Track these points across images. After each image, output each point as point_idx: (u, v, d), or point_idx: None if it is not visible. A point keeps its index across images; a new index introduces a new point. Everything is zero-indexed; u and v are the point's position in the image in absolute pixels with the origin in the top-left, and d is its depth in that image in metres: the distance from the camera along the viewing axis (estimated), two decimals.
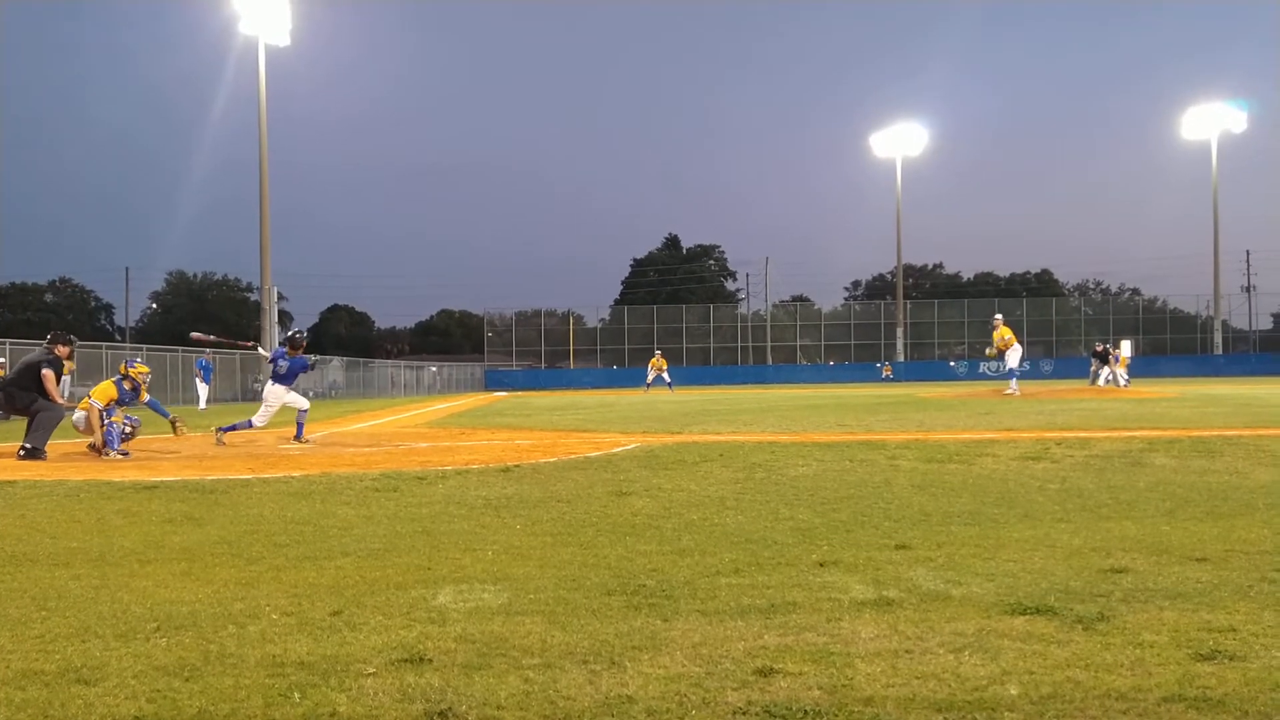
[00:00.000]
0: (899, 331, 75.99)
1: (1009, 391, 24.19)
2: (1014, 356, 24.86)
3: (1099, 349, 32.75)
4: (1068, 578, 4.29)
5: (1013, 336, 24.94)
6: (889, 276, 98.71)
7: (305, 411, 13.23)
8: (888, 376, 64.88)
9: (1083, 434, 11.10)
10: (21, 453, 10.89)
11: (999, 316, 26.24)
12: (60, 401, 11.64)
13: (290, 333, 13.84)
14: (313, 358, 15.53)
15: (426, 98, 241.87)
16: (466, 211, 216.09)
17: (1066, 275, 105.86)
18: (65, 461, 10.58)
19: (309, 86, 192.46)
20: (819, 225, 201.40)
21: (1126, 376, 31.98)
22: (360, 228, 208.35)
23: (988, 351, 26.34)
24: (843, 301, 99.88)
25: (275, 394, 13.07)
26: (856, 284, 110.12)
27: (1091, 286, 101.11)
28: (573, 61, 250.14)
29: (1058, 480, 7.53)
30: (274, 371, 13.25)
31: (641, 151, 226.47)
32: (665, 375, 45.43)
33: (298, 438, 12.62)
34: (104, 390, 11.67)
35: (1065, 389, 29.45)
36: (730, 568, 4.58)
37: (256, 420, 12.91)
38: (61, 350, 12.02)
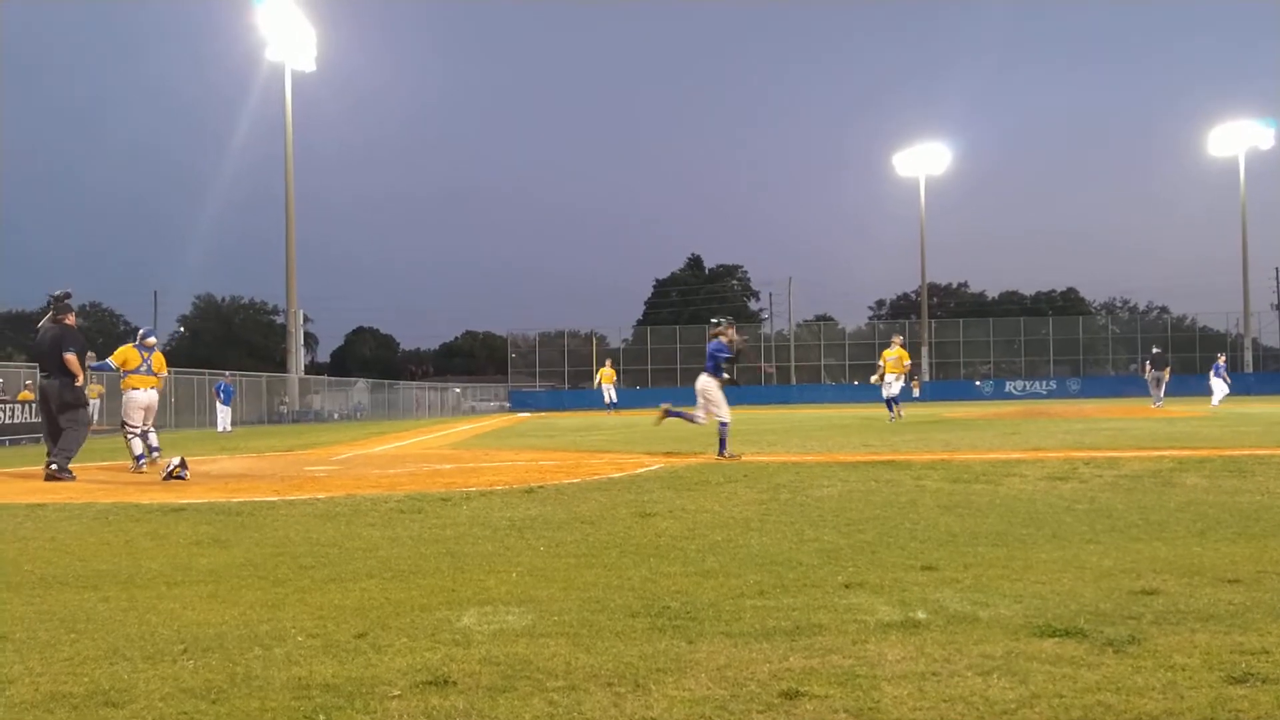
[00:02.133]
0: (924, 351, 75.69)
1: (893, 418, 21.96)
2: (896, 385, 22.34)
3: (1156, 353, 32.03)
4: (1097, 599, 4.25)
5: (909, 359, 22.95)
6: (913, 295, 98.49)
7: None
8: (916, 396, 64.46)
9: (1111, 453, 11.00)
10: (49, 473, 10.90)
11: (899, 336, 23.97)
12: (88, 389, 11.68)
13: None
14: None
15: (449, 122, 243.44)
16: (489, 233, 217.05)
17: (1093, 293, 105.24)
18: (94, 483, 10.66)
19: (334, 110, 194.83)
20: (842, 244, 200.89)
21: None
22: (385, 250, 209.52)
23: (872, 379, 23.59)
24: (866, 320, 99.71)
25: None
26: (880, 303, 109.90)
27: (1119, 305, 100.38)
28: (595, 84, 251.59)
29: (1086, 500, 7.46)
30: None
31: (664, 172, 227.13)
32: (612, 392, 39.33)
33: None
34: (124, 354, 12.59)
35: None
36: (755, 589, 4.56)
37: None
38: (70, 320, 11.54)
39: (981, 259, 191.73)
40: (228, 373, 37.62)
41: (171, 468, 10.72)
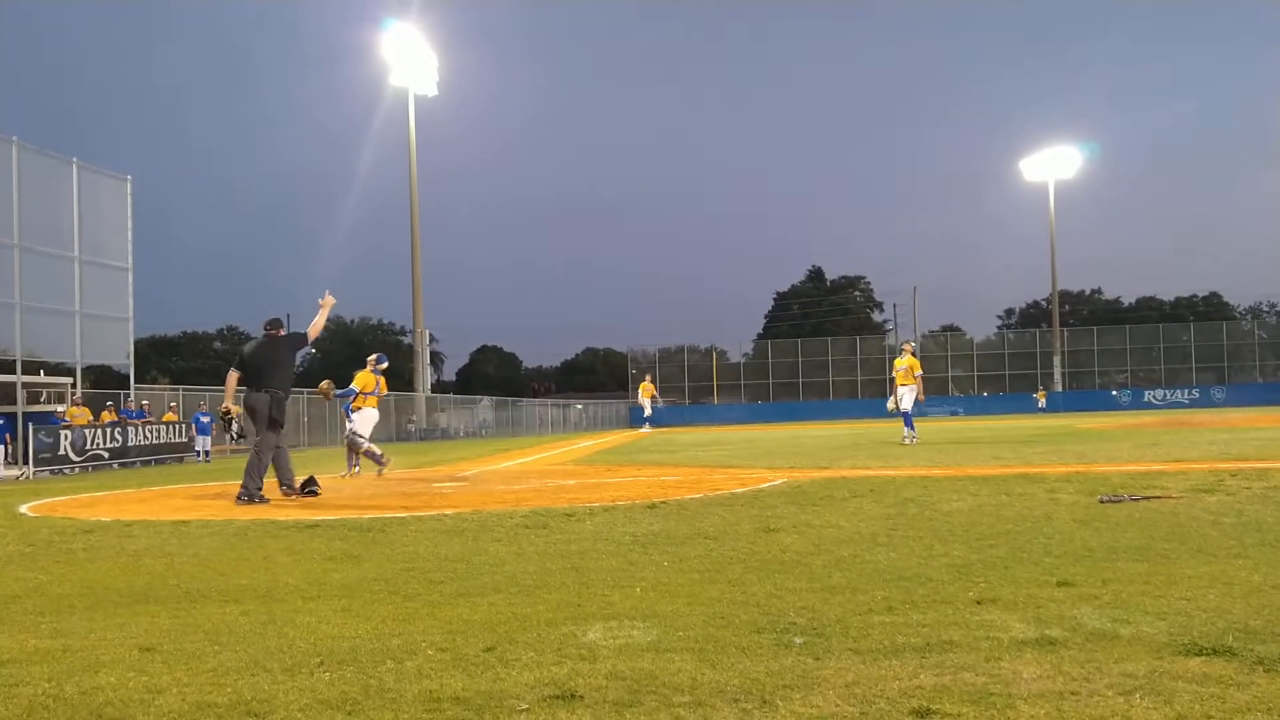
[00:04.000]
0: (1055, 360, 73.55)
1: (907, 440, 19.68)
2: (909, 398, 20.10)
3: None
4: (1247, 616, 4.06)
5: (919, 370, 20.36)
6: (1043, 303, 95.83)
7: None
8: (1041, 407, 62.81)
9: (1260, 464, 10.51)
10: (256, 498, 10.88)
11: (910, 343, 21.89)
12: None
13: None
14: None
15: (561, 137, 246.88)
16: (608, 248, 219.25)
17: (1238, 297, 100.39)
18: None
19: (452, 131, 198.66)
20: (969, 252, 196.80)
21: None
22: (507, 268, 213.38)
23: (890, 405, 20.77)
24: (995, 330, 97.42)
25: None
26: (1009, 312, 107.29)
27: (1265, 308, 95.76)
28: (709, 94, 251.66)
29: (1234, 513, 7.14)
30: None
31: (784, 182, 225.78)
32: (646, 407, 38.54)
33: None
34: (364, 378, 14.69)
35: None
36: (883, 605, 4.49)
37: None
38: (281, 332, 11.75)
39: (1116, 264, 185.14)
40: (203, 402, 38.50)
41: (304, 485, 11.10)
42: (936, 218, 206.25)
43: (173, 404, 31.27)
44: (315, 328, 11.77)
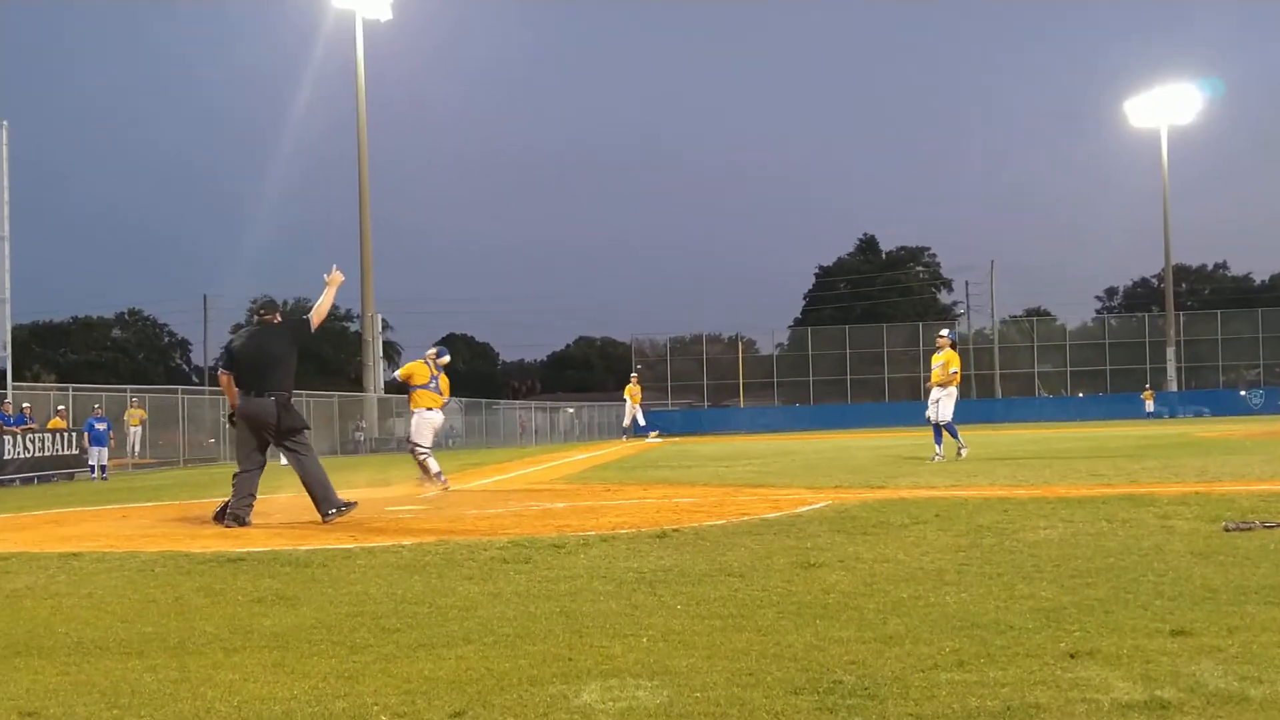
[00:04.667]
0: (1169, 352, 73.50)
1: (935, 458, 18.90)
2: (948, 403, 19.51)
3: None
4: None
5: (957, 366, 19.91)
6: (1154, 281, 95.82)
7: None
8: (1150, 411, 62.85)
9: None
10: (228, 522, 10.82)
11: (945, 333, 21.12)
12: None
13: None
14: None
15: (550, 76, 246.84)
16: (607, 215, 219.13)
17: None
18: (133, 527, 11.09)
19: (410, 67, 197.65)
20: (1060, 218, 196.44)
21: None
22: (478, 240, 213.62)
23: (925, 387, 20.42)
24: (1094, 315, 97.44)
25: None
26: (1111, 291, 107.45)
27: None
28: (730, 21, 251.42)
29: None
30: None
31: (826, 132, 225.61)
32: (639, 414, 38.96)
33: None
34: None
35: None
36: (952, 660, 4.49)
37: None
38: (277, 317, 12.06)
39: (1246, 232, 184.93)
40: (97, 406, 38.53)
41: (222, 511, 11.06)
42: (1018, 175, 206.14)
43: (60, 407, 31.30)
44: (320, 312, 11.80)
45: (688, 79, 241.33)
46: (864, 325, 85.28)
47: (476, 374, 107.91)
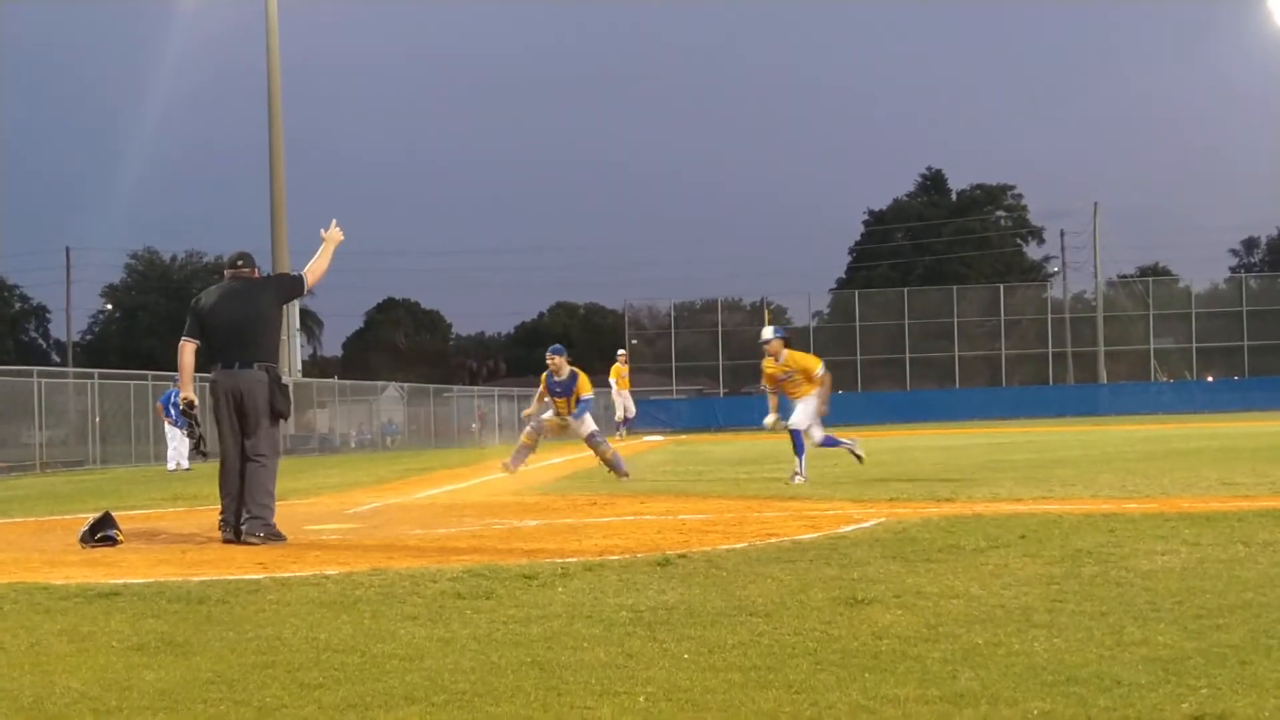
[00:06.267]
0: None
1: (796, 479, 17.49)
2: (805, 409, 18.62)
3: None
4: None
5: (812, 365, 19.16)
6: None
7: None
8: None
9: None
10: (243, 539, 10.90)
11: (770, 330, 19.95)
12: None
13: None
14: None
15: None
16: (591, 144, 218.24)
17: None
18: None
19: None
20: (1180, 152, 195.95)
21: None
22: (424, 177, 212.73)
23: (763, 387, 19.84)
24: (1227, 275, 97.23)
25: None
26: (1250, 244, 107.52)
27: None
28: None
29: None
30: None
31: (877, 34, 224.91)
32: (630, 403, 39.15)
33: None
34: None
35: None
36: None
37: None
38: (256, 273, 12.25)
39: None
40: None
41: (93, 531, 11.01)
42: (1126, 97, 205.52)
43: None
44: (316, 270, 12.11)
45: None
46: (927, 288, 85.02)
47: (422, 351, 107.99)
